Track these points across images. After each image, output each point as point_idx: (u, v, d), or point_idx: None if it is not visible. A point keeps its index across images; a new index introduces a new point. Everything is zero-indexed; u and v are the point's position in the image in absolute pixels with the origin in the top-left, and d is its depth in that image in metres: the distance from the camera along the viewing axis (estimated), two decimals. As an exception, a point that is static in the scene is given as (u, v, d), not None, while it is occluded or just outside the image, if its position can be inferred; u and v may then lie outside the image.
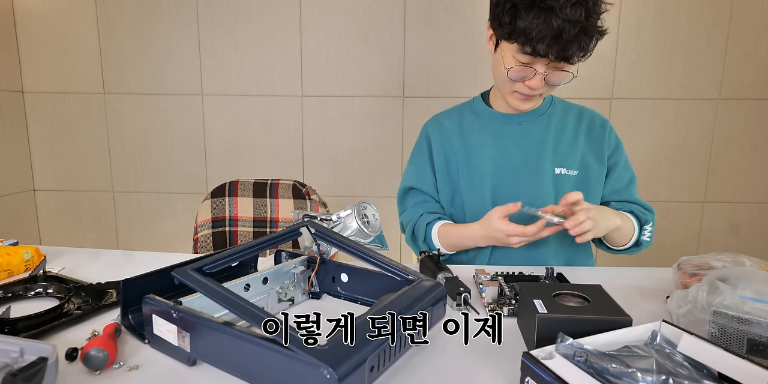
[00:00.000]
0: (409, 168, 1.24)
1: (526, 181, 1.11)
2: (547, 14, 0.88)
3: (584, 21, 0.89)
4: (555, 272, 0.92)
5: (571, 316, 0.62)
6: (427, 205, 1.18)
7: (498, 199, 1.12)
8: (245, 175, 1.70)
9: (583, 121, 1.15)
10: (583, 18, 0.88)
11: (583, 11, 0.88)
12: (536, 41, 0.90)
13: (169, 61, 2.12)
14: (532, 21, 0.89)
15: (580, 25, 0.88)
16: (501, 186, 1.12)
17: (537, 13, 0.89)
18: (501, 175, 1.12)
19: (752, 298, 0.63)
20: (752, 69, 1.99)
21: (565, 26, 0.88)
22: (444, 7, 2.00)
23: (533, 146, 1.12)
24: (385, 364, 0.54)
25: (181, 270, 0.64)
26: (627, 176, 1.16)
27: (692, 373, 0.52)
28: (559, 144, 1.12)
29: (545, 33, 0.89)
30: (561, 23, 0.88)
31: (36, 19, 2.12)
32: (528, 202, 1.08)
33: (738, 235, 2.13)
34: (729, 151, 2.07)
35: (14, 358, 0.51)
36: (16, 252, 0.95)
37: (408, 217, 1.19)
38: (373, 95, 2.09)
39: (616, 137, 1.16)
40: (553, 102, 1.17)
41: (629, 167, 1.17)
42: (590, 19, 0.90)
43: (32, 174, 2.25)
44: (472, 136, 1.15)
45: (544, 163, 1.10)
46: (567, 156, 1.12)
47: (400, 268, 0.71)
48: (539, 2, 0.88)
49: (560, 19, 0.87)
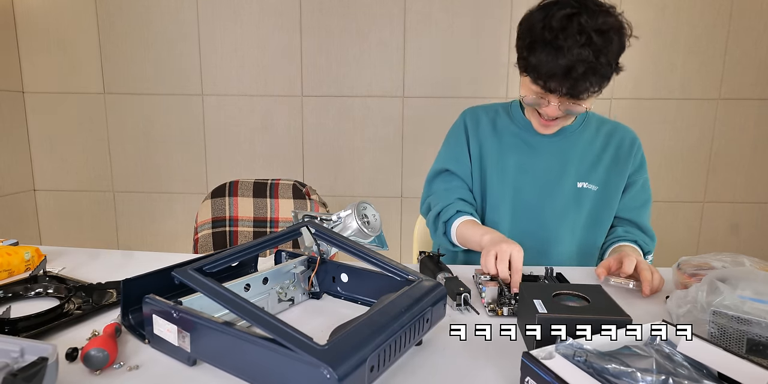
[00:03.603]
0: (444, 150, 1.22)
1: (547, 190, 1.12)
2: (556, 53, 0.90)
3: (593, 61, 0.90)
4: (554, 272, 0.92)
5: (571, 316, 0.62)
6: (461, 192, 1.16)
7: (518, 204, 1.13)
8: (245, 175, 1.70)
9: (614, 138, 1.15)
10: (591, 58, 0.90)
11: (590, 52, 0.89)
12: (547, 77, 0.93)
13: (169, 61, 2.12)
14: (543, 58, 0.92)
15: (588, 64, 0.90)
16: (522, 191, 1.13)
17: (548, 52, 0.91)
18: (523, 181, 1.13)
19: (752, 298, 0.63)
20: (752, 69, 1.99)
21: (573, 65, 0.90)
22: (444, 7, 2.00)
23: (559, 158, 1.13)
24: (385, 364, 0.54)
25: (181, 270, 0.64)
26: (643, 197, 1.16)
27: (692, 373, 0.52)
28: (585, 159, 1.13)
29: (555, 71, 0.91)
30: (569, 62, 0.90)
31: (36, 18, 2.12)
32: (547, 211, 1.12)
33: (738, 235, 2.13)
34: (729, 151, 2.07)
35: (14, 358, 0.51)
36: (16, 252, 0.95)
37: (438, 200, 1.16)
38: (373, 95, 2.09)
39: (642, 156, 1.16)
40: (587, 119, 1.16)
41: (647, 188, 1.17)
42: (600, 59, 0.90)
43: (32, 174, 2.25)
44: (504, 137, 1.16)
45: (568, 176, 1.12)
46: (591, 171, 1.12)
47: (400, 268, 0.71)
48: (550, 41, 0.91)
49: (567, 59, 0.89)
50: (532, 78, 0.96)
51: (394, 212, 2.19)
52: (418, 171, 1.71)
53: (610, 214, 1.14)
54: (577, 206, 1.12)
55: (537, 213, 1.13)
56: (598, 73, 0.92)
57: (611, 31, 0.92)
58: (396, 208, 2.18)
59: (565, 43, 0.90)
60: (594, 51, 0.90)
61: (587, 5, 0.92)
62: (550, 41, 0.91)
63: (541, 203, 1.12)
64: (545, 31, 0.92)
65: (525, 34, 0.97)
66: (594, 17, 0.91)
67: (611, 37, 0.92)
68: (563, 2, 0.93)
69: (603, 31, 0.91)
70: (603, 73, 0.92)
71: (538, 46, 0.93)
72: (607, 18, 0.92)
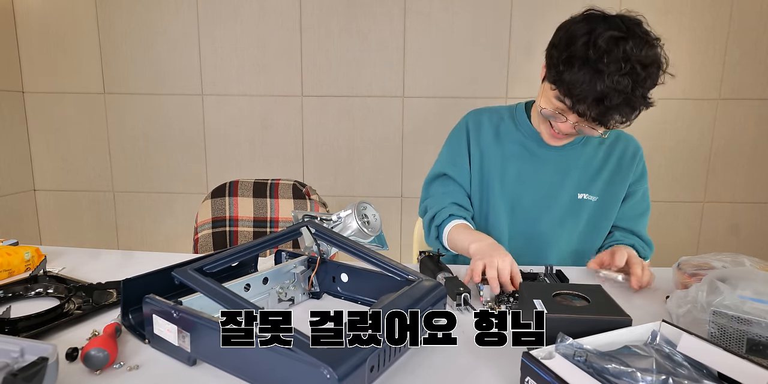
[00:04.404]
0: (444, 153, 1.20)
1: (547, 201, 1.11)
2: (594, 76, 0.86)
3: (630, 92, 0.86)
4: (554, 270, 0.92)
5: (571, 316, 0.62)
6: (457, 196, 1.14)
7: (516, 211, 1.12)
8: (245, 175, 1.70)
9: (617, 147, 1.13)
10: (629, 89, 0.86)
11: (630, 82, 0.86)
12: (577, 99, 0.89)
13: (169, 61, 2.12)
14: (580, 78, 0.87)
15: (624, 95, 0.86)
16: (521, 200, 1.12)
17: (586, 72, 0.86)
18: (523, 191, 1.12)
19: (752, 298, 0.63)
20: (752, 69, 1.99)
21: (609, 93, 0.86)
22: (444, 7, 2.00)
23: (562, 168, 1.11)
24: (385, 364, 0.54)
25: (181, 270, 0.64)
26: (642, 207, 1.15)
27: (692, 373, 0.52)
28: (587, 170, 1.12)
29: (588, 94, 0.87)
30: (605, 89, 0.85)
31: (36, 18, 2.12)
32: (545, 219, 1.11)
33: (738, 235, 2.13)
34: (729, 151, 2.07)
35: (15, 358, 0.51)
36: (16, 252, 0.95)
37: (433, 203, 1.15)
38: (373, 95, 2.09)
39: (643, 166, 1.15)
40: None
41: (647, 198, 1.17)
42: (636, 91, 0.87)
43: (32, 174, 2.25)
44: (506, 144, 1.13)
45: (568, 187, 1.11)
46: (592, 182, 1.11)
47: (400, 268, 0.71)
48: (592, 62, 0.86)
49: (605, 85, 0.85)
50: (560, 93, 0.92)
51: (394, 212, 2.19)
52: (418, 171, 1.71)
53: (608, 223, 1.14)
54: (575, 216, 1.12)
55: (535, 220, 1.12)
56: (631, 104, 0.89)
57: (653, 64, 0.88)
58: (396, 208, 2.18)
59: (607, 68, 0.85)
60: (633, 82, 0.86)
61: (635, 32, 0.87)
62: (591, 61, 0.86)
63: (539, 212, 1.12)
64: (588, 49, 0.87)
65: (564, 44, 0.91)
66: (640, 47, 0.86)
67: (652, 70, 0.89)
68: (611, 21, 0.88)
69: (646, 65, 0.87)
70: (635, 105, 0.90)
71: (576, 62, 0.87)
72: (651, 50, 0.88)
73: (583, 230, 1.13)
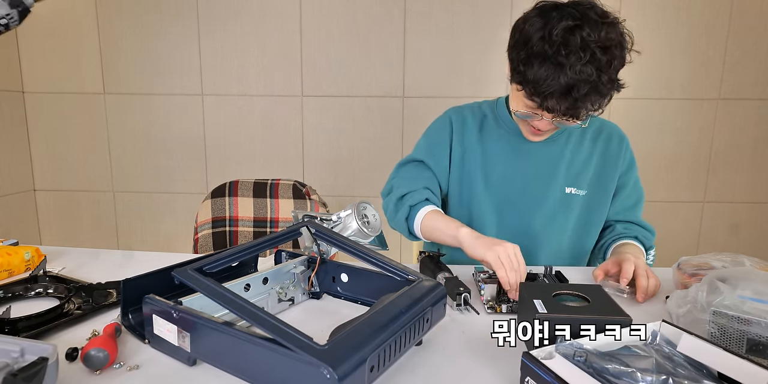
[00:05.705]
0: (423, 143, 1.18)
1: (535, 196, 1.10)
2: (557, 70, 0.85)
3: (596, 79, 0.85)
4: (553, 270, 0.92)
5: (571, 316, 0.62)
6: (430, 183, 1.11)
7: (504, 210, 1.11)
8: (245, 175, 1.70)
9: (601, 137, 1.13)
10: (594, 77, 0.85)
11: (593, 70, 0.85)
12: (545, 96, 0.88)
13: (169, 61, 2.12)
14: (542, 74, 0.86)
15: (590, 83, 0.85)
16: (508, 197, 1.11)
17: (547, 67, 0.86)
18: (510, 187, 1.11)
19: (752, 298, 0.63)
20: (752, 69, 1.99)
21: (575, 84, 0.85)
22: (444, 7, 2.00)
23: (547, 163, 1.10)
24: (385, 364, 0.54)
25: (181, 270, 0.64)
26: (635, 196, 1.14)
27: (692, 373, 0.52)
28: (573, 163, 1.10)
29: (554, 88, 0.86)
30: (569, 81, 0.85)
31: (36, 19, 2.11)
32: (534, 217, 1.09)
33: (738, 235, 2.13)
34: (729, 151, 2.07)
35: (15, 358, 0.51)
36: (16, 252, 0.95)
37: (403, 183, 1.11)
38: (373, 95, 2.09)
39: (631, 155, 1.14)
40: None
41: (638, 186, 1.16)
42: (602, 77, 0.86)
43: (32, 174, 2.25)
44: (490, 141, 1.12)
45: (556, 182, 1.09)
46: (579, 175, 1.10)
47: (400, 268, 0.71)
48: (550, 56, 0.85)
49: (569, 77, 0.84)
50: (527, 93, 0.91)
51: (394, 212, 2.18)
52: (418, 171, 1.70)
53: (599, 218, 1.13)
54: (565, 211, 1.10)
55: (524, 219, 1.11)
56: (600, 91, 0.88)
57: (614, 46, 0.87)
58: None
59: (567, 59, 0.84)
60: (597, 68, 0.85)
61: (589, 16, 0.86)
62: (549, 56, 0.85)
63: (528, 209, 1.10)
64: (545, 44, 0.86)
65: (521, 43, 0.90)
66: (597, 31, 0.85)
67: (614, 53, 0.87)
68: (563, 11, 0.87)
69: (606, 48, 0.86)
70: (604, 92, 0.89)
71: (536, 60, 0.87)
72: (610, 32, 0.86)
73: (574, 226, 1.12)
